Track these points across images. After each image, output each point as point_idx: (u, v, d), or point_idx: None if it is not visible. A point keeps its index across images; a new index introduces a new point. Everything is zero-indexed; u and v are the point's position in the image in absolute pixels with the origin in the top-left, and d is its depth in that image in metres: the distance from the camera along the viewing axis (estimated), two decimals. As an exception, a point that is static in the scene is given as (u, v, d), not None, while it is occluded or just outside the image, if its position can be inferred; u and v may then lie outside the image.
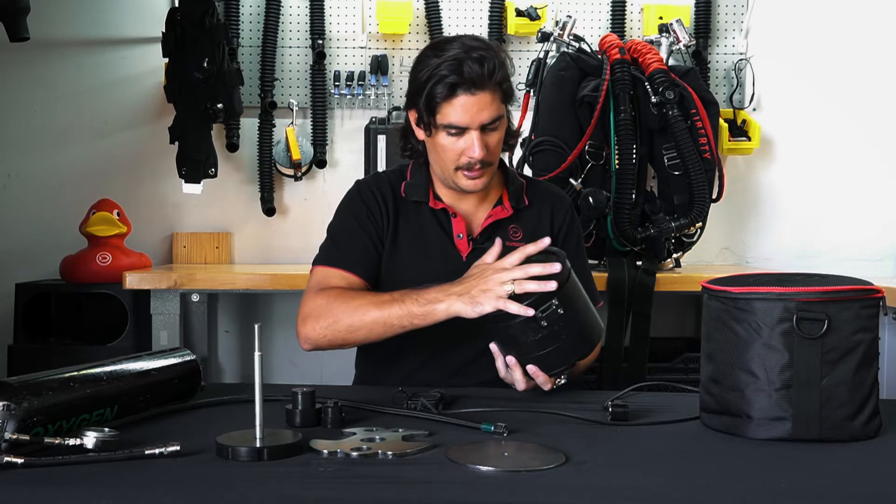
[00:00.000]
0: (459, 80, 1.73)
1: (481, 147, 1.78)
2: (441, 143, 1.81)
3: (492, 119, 1.78)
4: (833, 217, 3.46)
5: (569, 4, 3.37)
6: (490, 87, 1.75)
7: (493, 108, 1.77)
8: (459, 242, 1.90)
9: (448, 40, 1.83)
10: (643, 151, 2.89)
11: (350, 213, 1.92)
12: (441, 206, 1.91)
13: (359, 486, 1.12)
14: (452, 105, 1.76)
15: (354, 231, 1.90)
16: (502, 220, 1.93)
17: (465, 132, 1.78)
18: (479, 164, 1.80)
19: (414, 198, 1.92)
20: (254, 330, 1.28)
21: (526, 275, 1.57)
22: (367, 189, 1.94)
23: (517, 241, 1.90)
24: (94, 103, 3.37)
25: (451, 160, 1.81)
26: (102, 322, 3.06)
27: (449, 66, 1.74)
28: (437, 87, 1.75)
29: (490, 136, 1.80)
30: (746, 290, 1.38)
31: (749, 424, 1.37)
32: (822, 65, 3.44)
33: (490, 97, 1.76)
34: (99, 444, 1.20)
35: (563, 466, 1.21)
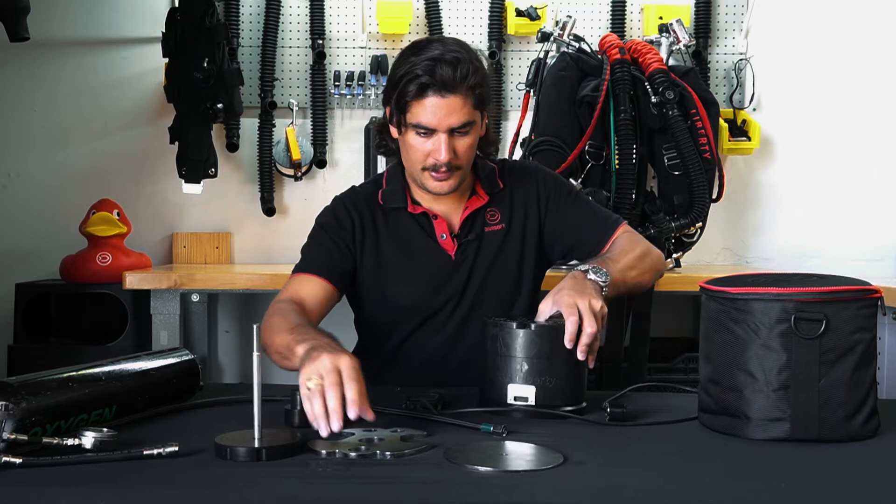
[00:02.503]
0: (431, 80, 1.72)
1: (447, 150, 1.76)
2: (410, 142, 1.80)
3: (461, 123, 1.76)
4: (832, 217, 3.46)
5: (569, 4, 3.37)
6: (461, 91, 1.74)
7: (464, 113, 1.76)
8: (444, 242, 1.89)
9: (430, 41, 1.83)
10: (643, 151, 2.89)
11: (320, 227, 1.94)
12: (420, 210, 1.91)
13: (358, 486, 1.13)
14: (422, 105, 1.75)
15: (322, 241, 1.91)
16: (479, 208, 1.92)
17: (433, 134, 1.77)
18: (445, 166, 1.79)
19: (392, 205, 1.91)
20: (253, 330, 1.28)
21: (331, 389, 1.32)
22: (340, 205, 1.94)
23: (496, 224, 1.91)
24: (95, 103, 3.37)
25: (418, 160, 1.81)
26: (102, 322, 3.06)
27: (423, 66, 1.73)
28: (409, 85, 1.74)
29: (459, 140, 1.78)
30: (744, 290, 1.38)
31: (748, 425, 1.37)
32: (822, 65, 3.44)
33: (461, 101, 1.75)
34: (97, 444, 1.20)
35: (561, 467, 1.21)
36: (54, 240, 3.25)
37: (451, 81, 1.72)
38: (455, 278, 1.89)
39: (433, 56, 1.74)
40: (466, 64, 1.74)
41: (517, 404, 1.50)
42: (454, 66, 1.73)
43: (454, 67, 1.72)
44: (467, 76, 1.74)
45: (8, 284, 3.10)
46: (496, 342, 1.52)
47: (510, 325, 1.51)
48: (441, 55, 1.74)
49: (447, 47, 1.77)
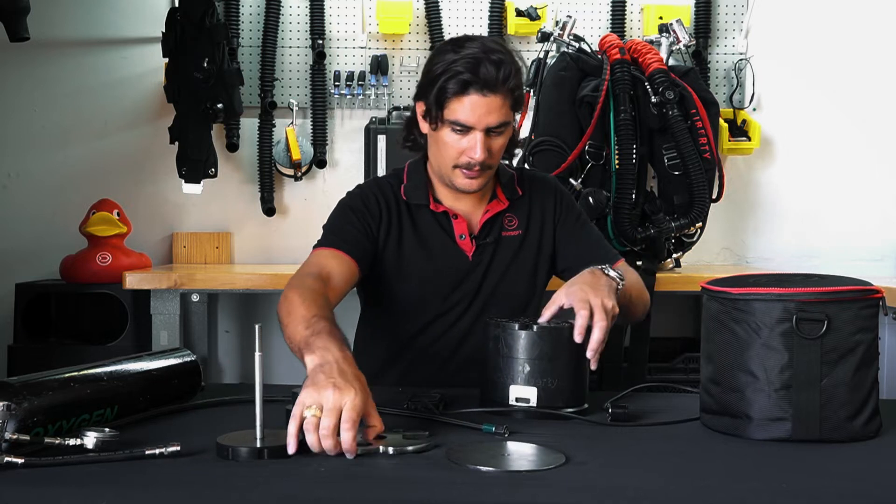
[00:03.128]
0: (473, 78, 1.73)
1: (483, 149, 1.77)
2: (444, 139, 1.80)
3: (498, 123, 1.77)
4: (833, 217, 3.47)
5: (569, 4, 3.37)
6: (502, 91, 1.75)
7: (502, 114, 1.77)
8: (462, 243, 1.90)
9: (468, 38, 1.82)
10: (643, 151, 2.89)
11: (347, 208, 1.92)
12: (442, 209, 1.91)
13: (359, 486, 1.13)
14: (462, 102, 1.75)
15: (349, 219, 1.89)
16: (499, 212, 1.94)
17: (470, 132, 1.77)
18: (479, 165, 1.79)
19: (415, 201, 1.91)
20: (254, 330, 1.28)
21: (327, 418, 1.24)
22: (368, 191, 1.94)
23: (513, 230, 1.93)
24: (95, 103, 3.37)
25: (451, 157, 1.81)
26: (102, 322, 3.06)
27: (465, 63, 1.73)
28: (450, 82, 1.74)
29: (494, 140, 1.79)
30: (745, 290, 1.38)
31: (749, 425, 1.37)
32: (822, 65, 3.44)
33: (501, 101, 1.75)
34: (99, 445, 1.20)
35: (563, 467, 1.21)
36: (54, 240, 3.25)
37: (493, 81, 1.73)
38: (470, 279, 1.89)
39: (475, 54, 1.74)
40: (509, 65, 1.75)
41: (518, 405, 1.50)
42: (498, 66, 1.73)
43: (497, 67, 1.73)
44: (509, 77, 1.74)
45: (8, 284, 3.10)
46: (498, 343, 1.52)
47: (512, 326, 1.51)
48: (485, 55, 1.74)
49: (489, 46, 1.77)
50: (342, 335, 1.47)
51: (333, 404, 1.24)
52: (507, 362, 1.51)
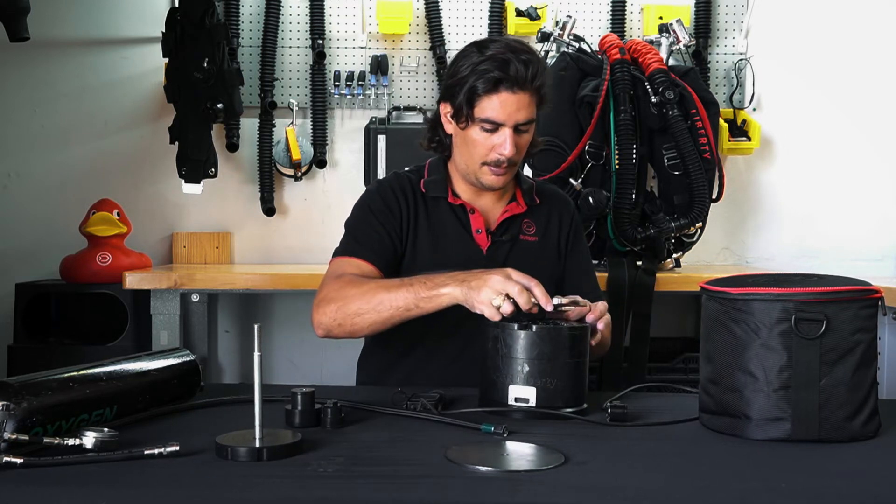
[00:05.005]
0: (504, 76, 1.78)
1: (512, 145, 1.82)
2: (473, 137, 1.85)
3: (526, 120, 1.82)
4: (833, 217, 3.47)
5: (569, 4, 3.37)
6: (531, 89, 1.80)
7: (529, 111, 1.82)
8: (478, 237, 1.93)
9: (492, 40, 1.88)
10: (643, 151, 2.89)
11: (368, 209, 1.94)
12: (459, 202, 1.95)
13: (359, 486, 1.13)
14: (492, 100, 1.80)
15: (371, 224, 1.91)
16: (517, 215, 1.98)
17: (499, 129, 1.82)
18: (507, 162, 1.84)
19: (433, 193, 1.95)
20: (253, 330, 1.28)
21: (523, 293, 1.54)
22: (387, 187, 1.96)
23: (530, 236, 1.98)
24: (95, 103, 3.38)
25: (480, 155, 1.85)
26: (102, 322, 3.06)
27: (494, 62, 1.78)
28: (480, 80, 1.79)
29: (521, 137, 1.84)
30: (745, 290, 1.38)
31: (748, 425, 1.37)
32: (822, 65, 3.44)
33: (529, 99, 1.81)
34: (98, 445, 1.20)
35: (562, 467, 1.21)
36: (54, 240, 3.25)
37: (523, 78, 1.78)
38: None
39: (504, 55, 1.79)
40: (536, 64, 1.81)
41: (518, 405, 1.50)
42: (526, 64, 1.78)
43: (526, 66, 1.78)
44: (537, 75, 1.80)
45: (8, 284, 3.10)
46: (497, 343, 1.52)
47: (511, 327, 1.51)
48: (513, 54, 1.79)
49: (515, 46, 1.83)
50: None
51: (502, 277, 1.57)
52: (506, 362, 1.51)
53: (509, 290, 1.54)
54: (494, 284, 1.56)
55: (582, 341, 1.54)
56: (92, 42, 3.38)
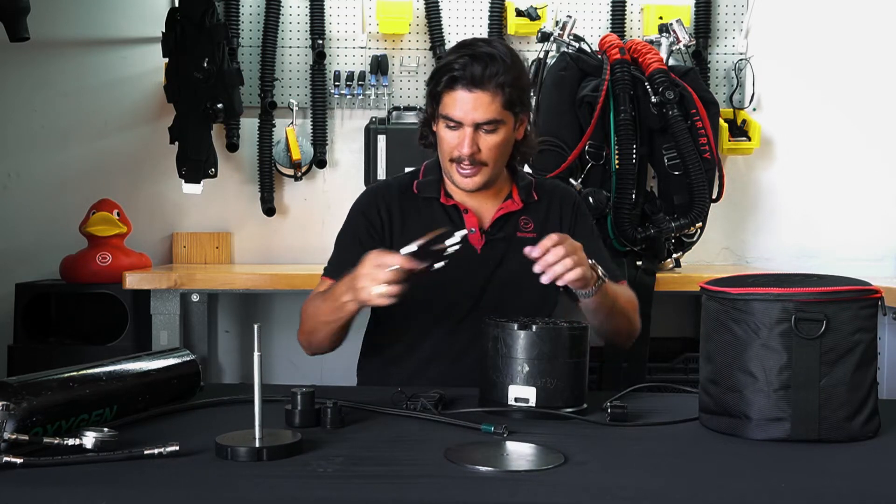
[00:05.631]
0: (461, 74, 1.79)
1: (470, 145, 1.81)
2: (441, 134, 1.86)
3: (486, 120, 1.80)
4: (833, 217, 3.46)
5: (569, 4, 3.37)
6: (489, 88, 1.78)
7: (490, 110, 1.80)
8: (472, 237, 1.92)
9: (476, 40, 1.89)
10: (643, 151, 2.89)
11: (350, 226, 1.98)
12: (452, 203, 1.94)
13: (359, 486, 1.13)
14: (451, 98, 1.81)
15: (351, 243, 1.94)
16: (513, 212, 1.96)
17: (460, 127, 1.82)
18: (469, 161, 1.83)
19: (426, 194, 1.95)
20: (253, 330, 1.28)
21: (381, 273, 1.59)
22: (369, 200, 1.98)
23: (528, 233, 1.94)
24: (94, 103, 3.37)
25: (446, 152, 1.87)
26: (102, 322, 3.06)
27: (458, 61, 1.80)
28: (442, 78, 1.81)
29: (485, 137, 1.82)
30: (744, 290, 1.38)
31: (748, 425, 1.37)
32: (822, 65, 3.44)
33: (489, 98, 1.79)
34: (98, 444, 1.20)
35: (562, 467, 1.21)
36: (54, 240, 3.25)
37: (479, 77, 1.78)
38: (478, 274, 1.90)
39: (465, 54, 1.80)
40: (499, 63, 1.79)
41: (518, 405, 1.50)
42: (486, 63, 1.78)
43: (485, 65, 1.78)
44: (497, 74, 1.78)
45: (8, 284, 3.10)
46: (497, 343, 1.52)
47: (511, 326, 1.51)
48: (477, 53, 1.80)
49: (484, 46, 1.83)
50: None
51: (360, 270, 1.62)
52: (506, 362, 1.51)
53: (377, 278, 1.58)
54: (364, 281, 1.61)
55: (582, 341, 1.54)
56: (92, 42, 3.38)
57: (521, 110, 1.87)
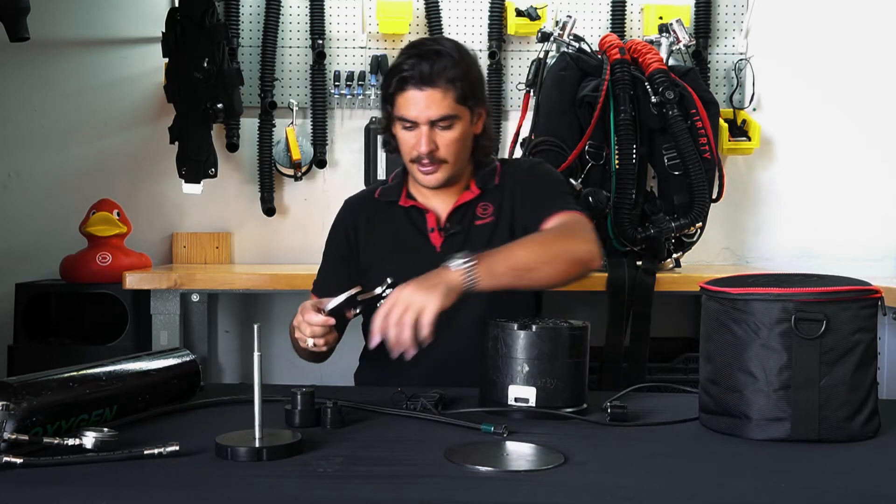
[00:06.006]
0: (410, 74, 1.81)
1: (427, 143, 1.83)
2: (399, 136, 1.89)
3: (440, 116, 1.82)
4: (833, 217, 3.46)
5: (569, 4, 3.37)
6: (440, 85, 1.80)
7: (443, 106, 1.82)
8: (433, 236, 1.93)
9: (424, 40, 1.93)
10: (643, 151, 2.89)
11: (329, 242, 2.04)
12: (411, 204, 1.96)
13: (359, 486, 1.13)
14: (404, 98, 1.83)
15: (330, 258, 2.03)
16: (469, 202, 1.95)
17: (416, 126, 1.84)
18: (428, 158, 1.84)
19: (386, 198, 1.98)
20: (253, 330, 1.28)
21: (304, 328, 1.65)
22: (341, 214, 2.04)
23: (487, 217, 1.93)
24: (94, 103, 3.37)
25: (406, 153, 1.89)
26: (102, 322, 3.06)
27: (407, 61, 1.82)
28: (393, 80, 1.83)
29: (442, 133, 1.84)
30: (744, 290, 1.38)
31: (748, 425, 1.37)
32: (822, 65, 3.44)
33: (440, 95, 1.81)
34: (98, 444, 1.20)
35: (562, 467, 1.21)
36: (54, 240, 3.25)
37: (428, 75, 1.80)
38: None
39: (416, 52, 1.83)
40: (446, 59, 1.81)
41: (518, 405, 1.50)
42: (433, 60, 1.80)
43: (432, 62, 1.80)
44: (445, 69, 1.80)
45: (8, 284, 3.10)
46: (497, 343, 1.52)
47: (511, 326, 1.51)
48: (423, 51, 1.82)
49: (431, 44, 1.86)
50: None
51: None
52: (506, 362, 1.51)
53: (305, 332, 1.65)
54: (298, 333, 1.68)
55: (582, 341, 1.54)
56: (92, 42, 3.38)
57: (476, 104, 1.88)
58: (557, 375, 1.50)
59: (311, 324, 1.63)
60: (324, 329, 1.64)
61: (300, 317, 1.66)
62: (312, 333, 1.64)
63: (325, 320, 1.63)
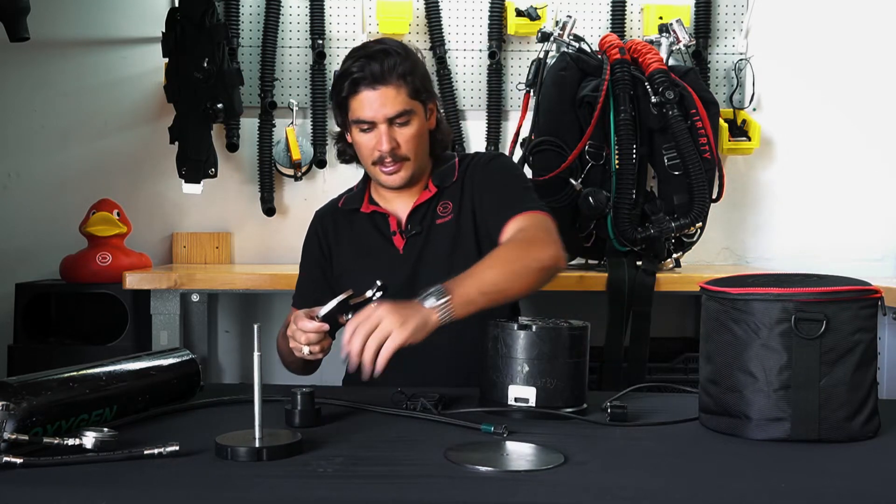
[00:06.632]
0: (361, 75, 1.82)
1: (388, 141, 1.84)
2: (357, 140, 1.90)
3: (397, 113, 1.84)
4: (833, 217, 3.46)
5: (569, 4, 3.37)
6: (392, 81, 1.82)
7: (398, 103, 1.83)
8: (395, 238, 1.95)
9: (368, 42, 1.93)
10: (643, 151, 2.89)
11: (303, 254, 2.07)
12: (371, 209, 1.98)
13: (359, 486, 1.13)
14: (358, 100, 1.84)
15: (306, 269, 2.05)
16: (428, 201, 1.96)
17: (374, 127, 1.85)
18: (390, 157, 1.86)
19: (349, 206, 2.01)
20: (253, 330, 1.28)
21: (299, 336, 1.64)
22: (312, 226, 2.07)
23: (446, 216, 1.95)
24: (94, 103, 3.37)
25: (366, 157, 1.90)
26: (102, 322, 3.06)
27: (354, 64, 1.83)
28: (344, 84, 1.84)
29: (400, 130, 1.86)
30: (744, 290, 1.38)
31: (748, 425, 1.37)
32: (822, 65, 3.44)
33: (394, 91, 1.83)
34: (98, 444, 1.20)
35: (562, 467, 1.21)
36: (54, 240, 3.25)
37: (379, 73, 1.82)
38: (399, 273, 1.90)
39: (362, 54, 1.84)
40: (394, 56, 1.83)
41: (517, 405, 1.50)
42: (381, 59, 1.82)
43: (381, 60, 1.82)
44: (395, 66, 1.83)
45: (8, 284, 3.10)
46: (497, 343, 1.52)
47: (511, 326, 1.51)
48: (370, 52, 1.84)
49: (376, 45, 1.87)
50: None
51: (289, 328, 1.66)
52: (506, 362, 1.51)
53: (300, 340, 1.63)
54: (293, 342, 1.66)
55: (582, 341, 1.54)
56: (92, 42, 3.38)
57: (427, 98, 1.90)
58: (557, 375, 1.50)
59: (305, 331, 1.62)
60: (318, 335, 1.62)
61: (293, 326, 1.65)
62: (307, 340, 1.62)
63: (318, 326, 1.61)
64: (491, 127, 3.35)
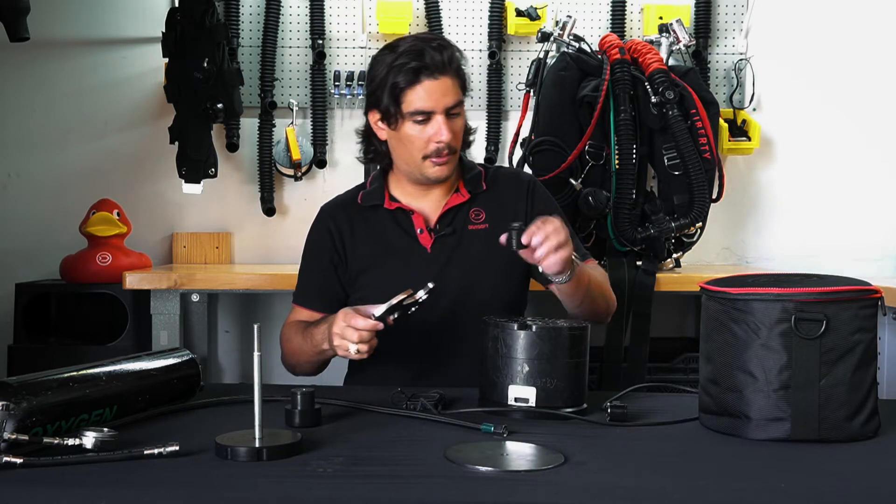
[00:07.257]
0: (422, 65, 1.81)
1: (448, 131, 1.83)
2: (408, 133, 1.86)
3: (454, 103, 1.84)
4: (833, 217, 3.46)
5: (569, 4, 3.37)
6: (450, 73, 1.83)
7: (455, 94, 1.85)
8: (422, 237, 1.94)
9: (400, 39, 1.91)
10: (643, 151, 2.89)
11: (308, 252, 2.04)
12: (396, 206, 1.96)
13: (359, 486, 1.13)
14: (416, 91, 1.82)
15: (311, 266, 2.02)
16: (461, 205, 1.96)
17: (431, 118, 1.84)
18: (447, 148, 1.85)
19: (370, 202, 1.98)
20: (253, 330, 1.28)
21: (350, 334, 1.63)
22: (318, 222, 2.03)
23: (480, 224, 1.95)
24: (94, 103, 3.37)
25: (419, 149, 1.86)
26: (102, 322, 3.06)
27: (409, 55, 1.82)
28: (400, 75, 1.82)
29: (454, 121, 1.86)
30: (744, 290, 1.38)
31: (748, 425, 1.37)
32: (822, 65, 3.44)
33: (451, 82, 1.84)
34: (98, 444, 1.20)
35: (562, 467, 1.21)
36: (54, 240, 3.25)
37: (440, 63, 1.81)
38: (426, 272, 1.88)
39: (414, 46, 1.83)
40: (450, 48, 1.85)
41: (517, 405, 1.50)
42: (440, 50, 1.82)
43: (440, 51, 1.82)
44: (453, 58, 1.84)
45: (8, 284, 3.10)
46: (497, 343, 1.52)
47: (511, 326, 1.51)
48: (425, 43, 1.83)
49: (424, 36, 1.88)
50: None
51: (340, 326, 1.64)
52: (505, 362, 1.51)
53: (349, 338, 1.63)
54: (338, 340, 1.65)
55: (582, 341, 1.54)
56: (92, 42, 3.38)
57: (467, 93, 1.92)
58: (557, 375, 1.50)
59: (358, 328, 1.61)
60: (370, 334, 1.62)
61: (342, 323, 1.63)
62: (360, 339, 1.61)
63: (373, 325, 1.60)
64: (491, 127, 3.35)
